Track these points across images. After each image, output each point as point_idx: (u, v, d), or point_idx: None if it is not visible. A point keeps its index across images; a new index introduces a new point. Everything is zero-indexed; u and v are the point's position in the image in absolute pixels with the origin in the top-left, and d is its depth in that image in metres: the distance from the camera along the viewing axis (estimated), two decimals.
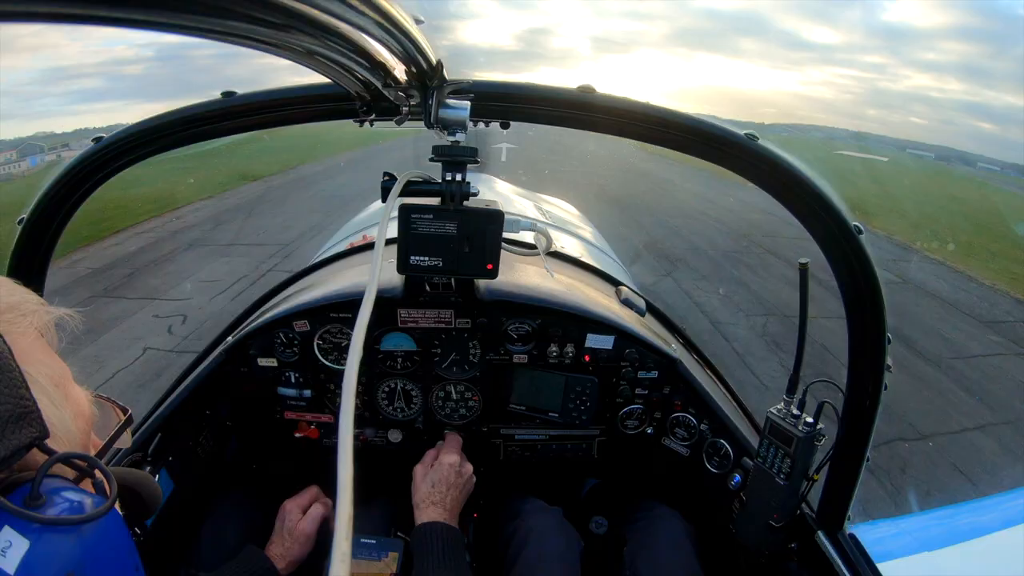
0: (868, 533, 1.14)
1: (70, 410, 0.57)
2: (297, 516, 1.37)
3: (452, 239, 1.19)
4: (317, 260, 2.38)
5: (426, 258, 1.21)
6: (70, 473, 0.52)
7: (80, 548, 0.46)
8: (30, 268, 1.09)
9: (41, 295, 1.12)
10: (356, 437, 1.63)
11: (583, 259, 2.20)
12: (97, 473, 0.53)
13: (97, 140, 1.02)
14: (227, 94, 0.97)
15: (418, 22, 0.61)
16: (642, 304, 1.81)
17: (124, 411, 0.71)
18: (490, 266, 1.24)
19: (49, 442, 0.49)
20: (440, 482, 1.38)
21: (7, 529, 0.43)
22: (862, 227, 0.91)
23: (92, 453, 0.61)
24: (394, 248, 1.23)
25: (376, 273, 0.63)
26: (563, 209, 4.37)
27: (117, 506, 0.59)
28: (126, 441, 0.71)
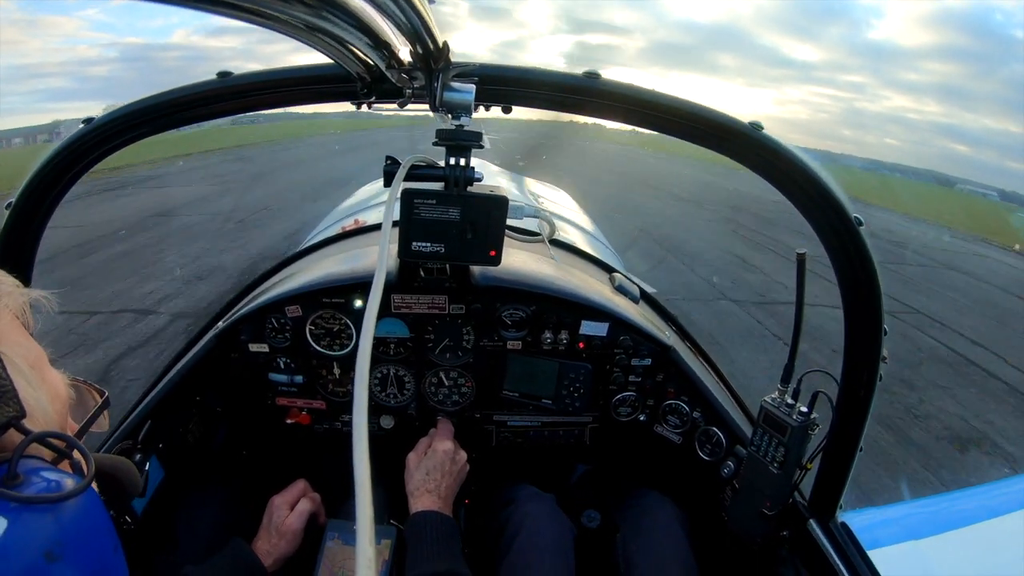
0: (859, 521, 1.15)
1: (47, 392, 0.57)
2: (285, 512, 1.34)
3: (455, 225, 1.16)
4: (308, 244, 2.34)
5: (428, 244, 1.18)
6: (48, 454, 0.53)
7: (57, 526, 0.46)
8: (19, 252, 1.06)
9: (29, 278, 1.08)
10: (347, 424, 1.62)
11: (578, 246, 2.18)
12: (75, 453, 0.54)
13: (87, 121, 0.98)
14: (223, 74, 0.93)
15: (430, 0, 0.58)
16: (636, 291, 1.80)
17: (101, 394, 0.70)
18: (493, 252, 1.22)
19: (26, 423, 0.49)
20: (434, 470, 1.37)
21: None
22: (862, 219, 0.92)
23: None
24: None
25: (384, 257, 0.60)
26: (557, 195, 4.34)
27: (96, 488, 0.57)
28: (103, 424, 0.71)
